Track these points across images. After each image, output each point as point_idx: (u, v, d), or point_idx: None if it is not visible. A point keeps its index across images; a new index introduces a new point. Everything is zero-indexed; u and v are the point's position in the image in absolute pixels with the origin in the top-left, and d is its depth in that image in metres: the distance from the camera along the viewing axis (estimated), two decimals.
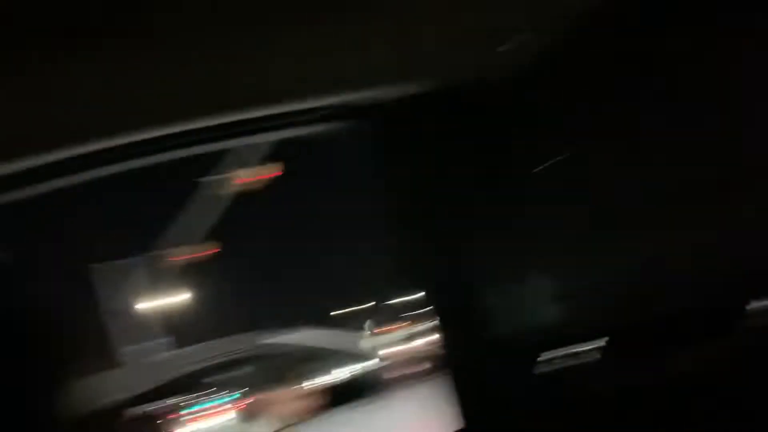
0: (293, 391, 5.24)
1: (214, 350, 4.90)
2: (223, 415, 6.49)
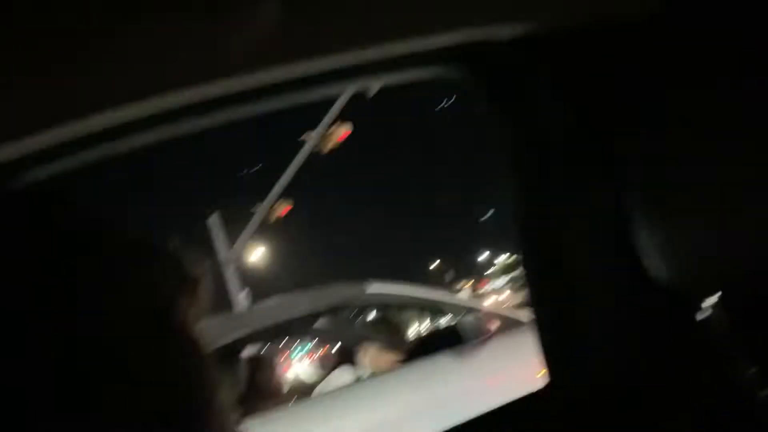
0: (393, 339, 5.38)
1: (321, 297, 5.09)
2: (325, 360, 6.75)
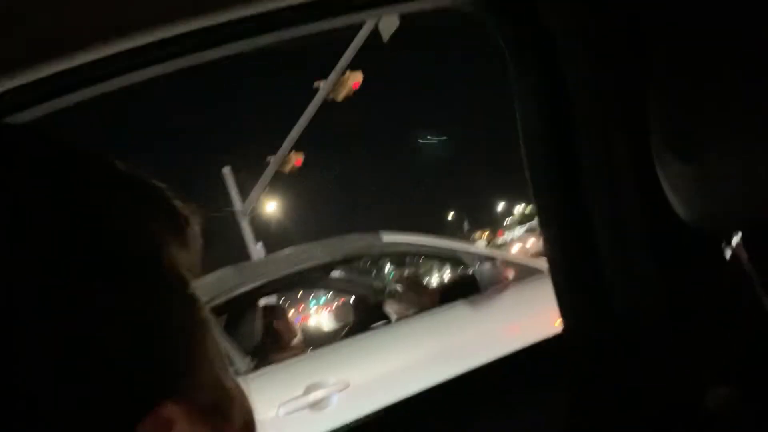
0: (413, 287, 5.42)
1: (337, 247, 5.11)
2: (346, 307, 6.82)
